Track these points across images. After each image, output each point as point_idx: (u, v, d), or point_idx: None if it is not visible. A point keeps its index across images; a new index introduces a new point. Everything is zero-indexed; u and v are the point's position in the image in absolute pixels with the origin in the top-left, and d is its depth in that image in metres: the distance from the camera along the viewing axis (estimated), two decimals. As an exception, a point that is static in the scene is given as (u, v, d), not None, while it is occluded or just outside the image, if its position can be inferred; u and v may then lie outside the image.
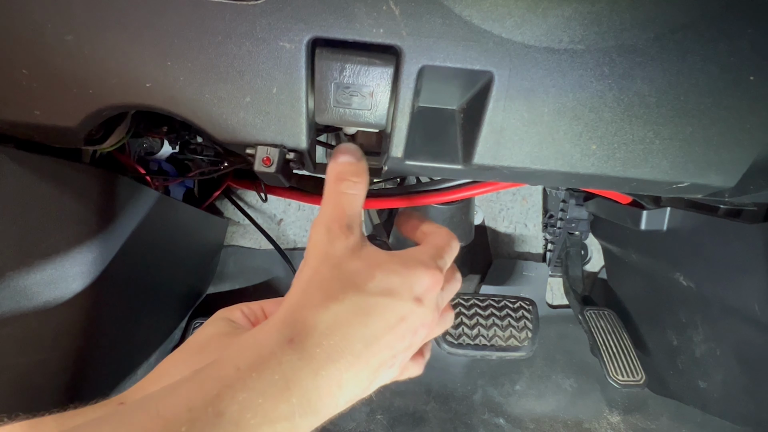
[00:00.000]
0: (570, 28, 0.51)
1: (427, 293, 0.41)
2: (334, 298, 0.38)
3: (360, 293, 0.38)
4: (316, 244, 0.42)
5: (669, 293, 1.09)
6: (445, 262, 0.45)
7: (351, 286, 0.39)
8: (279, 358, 0.34)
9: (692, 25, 0.51)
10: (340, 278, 0.39)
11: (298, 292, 0.40)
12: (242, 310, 0.50)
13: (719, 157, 0.63)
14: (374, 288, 0.39)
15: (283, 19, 0.49)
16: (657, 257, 1.10)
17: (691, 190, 0.68)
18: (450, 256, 0.47)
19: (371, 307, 0.38)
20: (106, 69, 0.52)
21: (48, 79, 0.53)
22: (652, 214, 1.04)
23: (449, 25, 0.49)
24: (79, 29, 0.50)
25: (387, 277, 0.40)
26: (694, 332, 1.01)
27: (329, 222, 0.43)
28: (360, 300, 0.38)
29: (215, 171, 0.97)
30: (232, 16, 0.49)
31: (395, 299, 0.39)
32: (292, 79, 0.53)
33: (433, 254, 0.45)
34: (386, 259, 0.42)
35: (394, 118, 0.57)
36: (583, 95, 0.55)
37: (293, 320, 0.37)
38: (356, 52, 0.51)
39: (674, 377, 1.09)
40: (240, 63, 0.52)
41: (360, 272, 0.40)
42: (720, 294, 0.92)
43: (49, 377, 0.73)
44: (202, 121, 0.56)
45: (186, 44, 0.51)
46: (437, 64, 0.52)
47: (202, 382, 0.32)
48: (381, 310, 0.38)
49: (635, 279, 1.23)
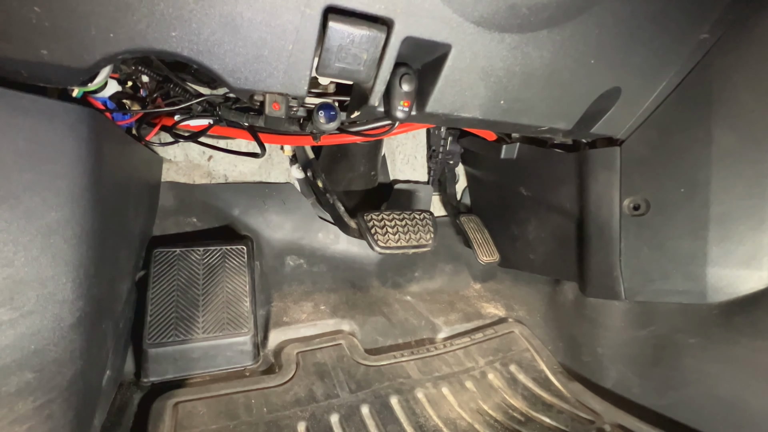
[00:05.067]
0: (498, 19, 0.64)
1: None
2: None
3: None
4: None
5: (513, 201, 1.42)
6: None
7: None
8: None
9: (562, 26, 0.69)
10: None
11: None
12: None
13: (565, 110, 0.86)
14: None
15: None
16: (508, 176, 1.41)
17: (546, 132, 0.92)
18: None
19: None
20: (133, 13, 0.48)
21: (64, 19, 0.47)
22: (508, 147, 1.31)
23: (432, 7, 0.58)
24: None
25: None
26: (528, 224, 1.37)
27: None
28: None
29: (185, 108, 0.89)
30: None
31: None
32: (307, 38, 0.57)
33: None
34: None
35: (377, 75, 0.65)
36: (501, 65, 0.71)
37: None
38: (359, 21, 0.57)
39: (514, 254, 1.46)
40: (263, 21, 0.53)
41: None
42: (547, 198, 1.25)
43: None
44: (220, 70, 0.57)
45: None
46: (416, 35, 0.61)
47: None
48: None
49: (491, 193, 1.55)
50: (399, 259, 1.52)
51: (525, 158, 1.30)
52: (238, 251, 1.16)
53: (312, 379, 1.00)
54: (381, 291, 1.43)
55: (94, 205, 0.69)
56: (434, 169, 1.68)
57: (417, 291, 1.47)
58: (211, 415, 0.86)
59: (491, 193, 1.55)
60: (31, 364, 0.59)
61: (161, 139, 1.25)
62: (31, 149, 0.60)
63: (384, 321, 1.27)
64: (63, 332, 0.62)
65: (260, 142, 1.00)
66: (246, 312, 1.05)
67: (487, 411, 1.00)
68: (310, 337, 1.15)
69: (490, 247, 1.46)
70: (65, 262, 0.63)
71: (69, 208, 0.65)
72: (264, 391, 0.94)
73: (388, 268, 1.50)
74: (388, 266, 1.50)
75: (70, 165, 0.64)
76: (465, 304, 1.43)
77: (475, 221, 1.55)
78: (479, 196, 1.66)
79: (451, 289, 1.51)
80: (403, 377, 1.05)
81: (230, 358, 1.00)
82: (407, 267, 1.52)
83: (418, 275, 1.51)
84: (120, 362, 0.92)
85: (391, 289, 1.46)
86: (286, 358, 1.05)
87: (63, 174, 0.64)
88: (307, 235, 1.43)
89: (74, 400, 0.64)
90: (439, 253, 1.59)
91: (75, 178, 0.65)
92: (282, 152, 1.48)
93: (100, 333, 0.74)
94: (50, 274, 0.61)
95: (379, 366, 1.08)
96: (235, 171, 1.46)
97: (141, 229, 1.07)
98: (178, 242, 1.13)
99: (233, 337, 1.00)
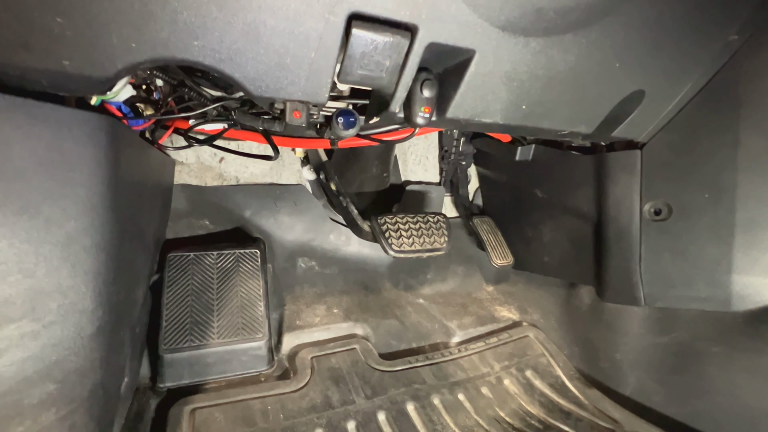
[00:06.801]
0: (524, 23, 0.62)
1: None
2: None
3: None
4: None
5: (528, 203, 1.40)
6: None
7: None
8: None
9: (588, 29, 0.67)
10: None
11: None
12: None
13: (587, 114, 0.84)
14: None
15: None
16: (522, 178, 1.39)
17: (567, 136, 0.91)
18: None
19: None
20: (156, 22, 0.48)
21: (86, 29, 0.47)
22: (524, 149, 1.29)
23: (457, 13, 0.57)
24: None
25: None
26: (543, 227, 1.35)
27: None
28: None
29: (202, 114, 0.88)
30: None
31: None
32: (330, 45, 0.55)
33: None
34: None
35: (398, 82, 0.64)
36: (525, 69, 0.69)
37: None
38: (383, 28, 0.56)
39: (528, 257, 1.44)
40: (286, 29, 0.52)
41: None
42: (563, 201, 1.24)
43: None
44: (242, 78, 0.56)
45: (237, 4, 0.49)
46: (440, 41, 0.60)
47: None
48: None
49: (504, 194, 1.53)
50: (411, 261, 1.51)
51: (540, 160, 1.28)
52: (251, 255, 1.15)
53: (327, 385, 0.99)
54: (393, 293, 1.42)
55: (112, 213, 0.69)
56: (446, 170, 1.66)
57: (429, 293, 1.46)
58: (227, 422, 0.86)
59: (504, 195, 1.53)
60: (53, 375, 0.59)
61: (173, 141, 1.25)
62: (50, 158, 0.59)
63: (397, 324, 1.27)
64: (84, 342, 0.62)
65: (274, 145, 0.99)
66: (260, 316, 1.05)
67: (504, 418, 0.99)
68: (323, 342, 1.14)
69: (504, 249, 1.45)
70: (85, 271, 0.63)
71: (88, 217, 0.64)
72: (280, 397, 0.94)
73: (400, 270, 1.49)
74: (400, 268, 1.49)
75: (89, 173, 0.64)
76: (478, 307, 1.42)
77: (489, 223, 1.53)
78: (492, 197, 1.64)
79: (463, 292, 1.50)
80: (418, 383, 1.05)
81: (245, 363, 0.99)
82: (419, 269, 1.51)
83: (431, 277, 1.50)
84: (136, 368, 0.92)
85: (404, 291, 1.45)
86: (300, 362, 1.05)
87: (82, 182, 0.63)
88: (319, 236, 1.43)
89: (95, 409, 0.64)
90: (451, 255, 1.57)
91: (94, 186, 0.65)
92: (293, 154, 1.47)
93: (119, 340, 0.74)
94: (70, 283, 0.61)
95: (394, 371, 1.07)
96: (247, 173, 1.45)
97: (155, 233, 1.07)
98: (191, 245, 1.13)
99: (248, 342, 1.00)
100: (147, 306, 0.99)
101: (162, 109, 0.96)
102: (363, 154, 1.36)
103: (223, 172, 1.43)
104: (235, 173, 1.45)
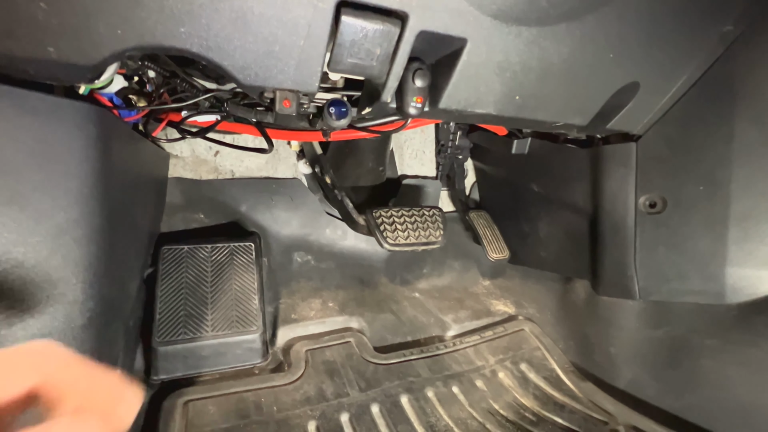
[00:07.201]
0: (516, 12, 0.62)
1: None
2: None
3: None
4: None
5: (524, 197, 1.40)
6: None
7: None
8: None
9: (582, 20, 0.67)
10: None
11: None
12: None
13: (582, 106, 0.84)
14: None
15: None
16: (519, 172, 1.39)
17: (561, 128, 0.90)
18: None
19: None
20: (142, 9, 0.47)
21: (71, 16, 0.46)
22: (520, 142, 1.29)
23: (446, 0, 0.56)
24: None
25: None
26: (540, 221, 1.35)
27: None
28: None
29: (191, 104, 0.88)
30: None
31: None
32: (319, 33, 0.55)
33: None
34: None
35: (390, 71, 0.63)
36: (518, 60, 0.69)
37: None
38: (373, 15, 0.55)
39: (524, 251, 1.44)
40: (275, 16, 0.52)
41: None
42: (559, 194, 1.23)
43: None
44: (230, 67, 0.55)
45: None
46: (431, 30, 0.59)
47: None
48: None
49: (501, 188, 1.53)
50: (407, 256, 1.51)
51: (536, 154, 1.28)
52: (246, 248, 1.15)
53: (321, 378, 1.00)
54: (389, 288, 1.42)
55: (103, 204, 0.68)
56: (443, 164, 1.66)
57: (425, 288, 1.46)
58: (221, 414, 0.86)
59: (501, 189, 1.53)
60: (43, 365, 0.59)
61: (168, 134, 1.25)
62: (39, 149, 0.59)
63: (393, 318, 1.27)
64: (74, 333, 0.62)
65: (268, 137, 0.99)
66: (255, 309, 1.05)
67: (498, 411, 1.00)
68: (318, 335, 1.14)
69: (500, 243, 1.45)
70: (75, 262, 0.63)
71: (78, 208, 0.64)
72: (274, 390, 0.94)
73: (396, 264, 1.49)
74: (397, 263, 1.49)
75: (79, 164, 0.64)
76: (474, 302, 1.42)
77: (485, 217, 1.53)
78: (488, 191, 1.63)
79: (459, 286, 1.50)
80: (413, 376, 1.05)
81: (239, 356, 0.99)
82: (415, 263, 1.51)
83: (427, 272, 1.50)
84: (130, 360, 0.92)
85: (400, 285, 1.45)
86: (295, 355, 1.05)
87: (72, 173, 0.63)
88: (315, 231, 1.42)
89: (86, 400, 0.64)
90: (447, 250, 1.57)
91: (84, 177, 0.65)
92: (289, 147, 1.46)
93: (111, 333, 0.74)
94: (60, 275, 0.61)
95: (389, 364, 1.08)
96: (242, 166, 1.45)
97: (149, 226, 1.07)
98: (185, 239, 1.13)
99: (242, 335, 1.00)
100: (141, 299, 0.99)
101: (155, 101, 0.95)
102: (358, 147, 1.35)
103: (219, 165, 1.42)
104: (231, 167, 1.44)
